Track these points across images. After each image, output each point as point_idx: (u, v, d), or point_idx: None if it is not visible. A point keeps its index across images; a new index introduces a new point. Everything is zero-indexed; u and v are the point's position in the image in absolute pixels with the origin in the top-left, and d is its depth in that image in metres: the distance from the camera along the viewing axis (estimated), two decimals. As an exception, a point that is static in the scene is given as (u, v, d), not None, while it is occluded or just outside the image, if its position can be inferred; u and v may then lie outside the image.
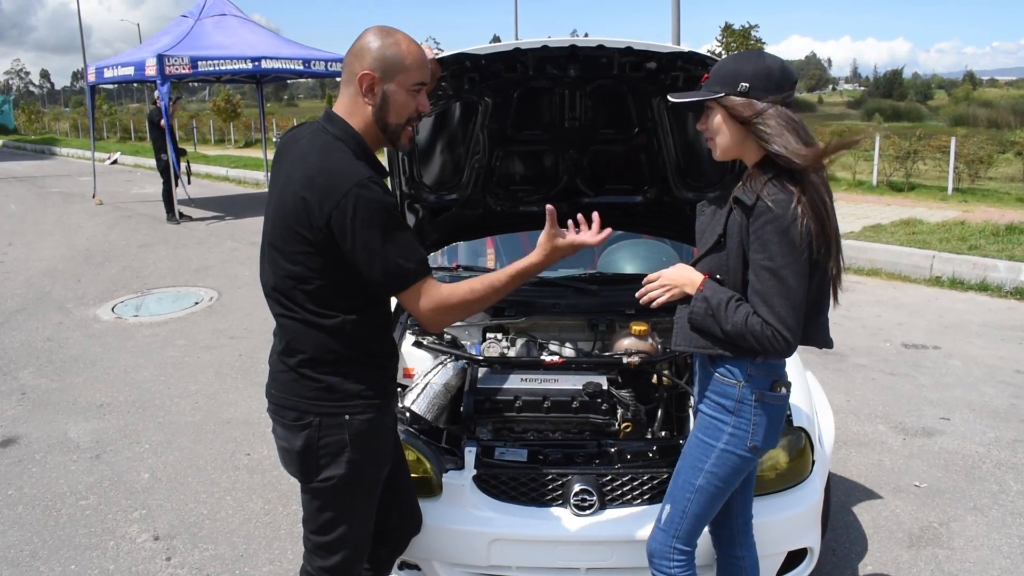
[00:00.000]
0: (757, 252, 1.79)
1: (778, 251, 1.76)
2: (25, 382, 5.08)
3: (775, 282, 1.77)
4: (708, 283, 1.87)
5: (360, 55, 1.81)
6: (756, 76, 1.79)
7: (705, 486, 1.97)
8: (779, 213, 1.75)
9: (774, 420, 1.95)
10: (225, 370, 5.23)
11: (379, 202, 1.73)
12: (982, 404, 4.47)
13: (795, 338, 1.79)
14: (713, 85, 1.85)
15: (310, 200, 1.73)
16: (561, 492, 2.34)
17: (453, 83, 2.74)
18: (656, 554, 2.06)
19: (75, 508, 3.48)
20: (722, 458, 1.95)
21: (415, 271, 1.79)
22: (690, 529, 2.02)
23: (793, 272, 1.76)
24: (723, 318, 1.82)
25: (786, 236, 1.75)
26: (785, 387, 1.95)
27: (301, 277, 1.80)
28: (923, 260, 7.44)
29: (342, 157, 1.77)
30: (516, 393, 2.64)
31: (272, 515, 3.39)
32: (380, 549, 2.22)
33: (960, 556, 3.03)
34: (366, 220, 1.71)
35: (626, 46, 2.46)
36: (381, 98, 1.82)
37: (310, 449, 1.88)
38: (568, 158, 3.14)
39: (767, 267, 1.77)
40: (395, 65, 1.81)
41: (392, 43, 1.81)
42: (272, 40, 12.88)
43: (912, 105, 45.58)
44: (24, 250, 9.63)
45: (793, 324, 1.78)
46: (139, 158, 21.97)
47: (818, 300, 1.88)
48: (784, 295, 1.76)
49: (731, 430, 1.92)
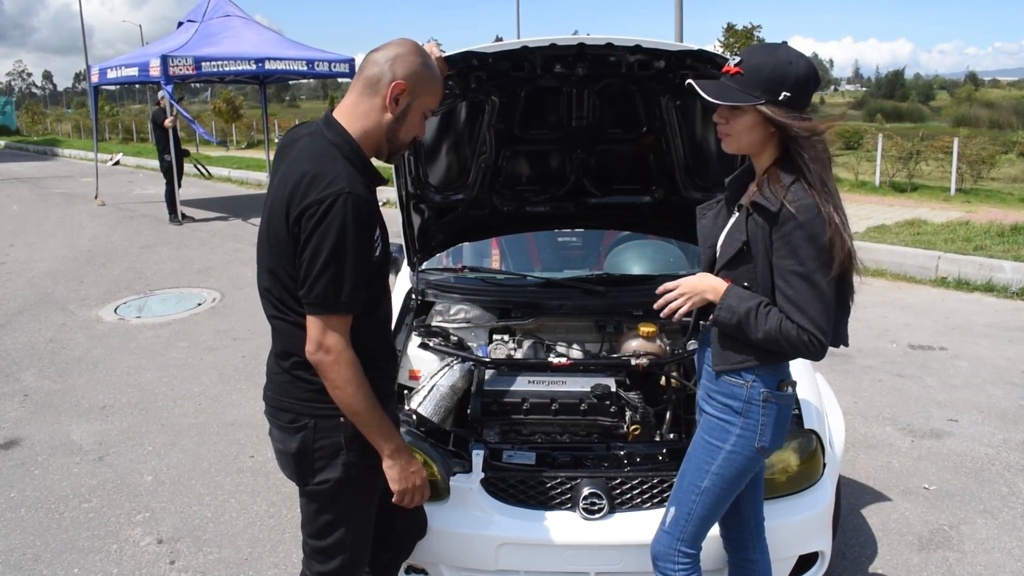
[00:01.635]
0: (785, 258, 1.76)
1: (808, 256, 1.74)
2: (27, 384, 5.06)
3: (807, 287, 1.75)
4: (732, 289, 1.84)
5: (398, 63, 1.78)
6: (798, 86, 1.75)
7: (711, 488, 1.95)
8: (806, 218, 1.73)
9: (781, 420, 1.93)
10: (228, 371, 5.21)
11: (348, 219, 1.68)
12: (990, 406, 4.44)
13: (828, 340, 1.79)
14: (752, 88, 1.75)
15: (291, 202, 1.72)
16: (570, 496, 2.31)
17: (460, 82, 2.72)
18: (660, 557, 2.04)
19: (78, 511, 3.46)
20: (729, 459, 1.92)
21: (340, 304, 1.72)
22: (695, 531, 2.00)
23: (823, 276, 1.75)
24: (754, 326, 1.79)
25: (815, 241, 1.73)
26: (791, 386, 1.93)
27: (292, 279, 1.78)
28: (928, 261, 7.41)
29: (333, 164, 1.74)
30: (523, 395, 2.62)
31: (276, 518, 3.36)
32: (383, 553, 2.19)
33: (971, 559, 3.00)
34: (325, 230, 1.68)
35: (635, 44, 2.44)
36: (402, 111, 1.81)
37: (305, 451, 1.86)
38: (575, 158, 3.12)
39: (798, 272, 1.75)
40: (427, 85, 1.82)
41: (430, 65, 1.83)
42: (276, 41, 12.86)
43: (914, 106, 45.57)
44: (26, 251, 9.62)
45: (827, 327, 1.78)
46: (141, 159, 21.99)
47: (843, 303, 1.88)
48: (818, 299, 1.76)
49: (739, 431, 1.90)
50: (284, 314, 1.83)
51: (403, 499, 1.91)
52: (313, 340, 1.74)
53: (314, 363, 1.76)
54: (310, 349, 1.75)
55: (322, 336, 1.73)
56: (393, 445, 1.85)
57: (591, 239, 3.76)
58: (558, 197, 3.25)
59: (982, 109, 30.49)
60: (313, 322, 1.74)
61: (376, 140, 1.83)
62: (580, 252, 3.76)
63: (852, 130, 16.58)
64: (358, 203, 1.70)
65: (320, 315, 1.73)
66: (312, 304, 1.73)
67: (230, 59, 11.47)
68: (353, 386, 1.76)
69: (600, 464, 2.38)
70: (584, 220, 3.42)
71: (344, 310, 1.74)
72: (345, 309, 1.74)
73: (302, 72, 12.41)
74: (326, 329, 1.73)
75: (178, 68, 10.94)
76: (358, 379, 1.76)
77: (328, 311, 1.73)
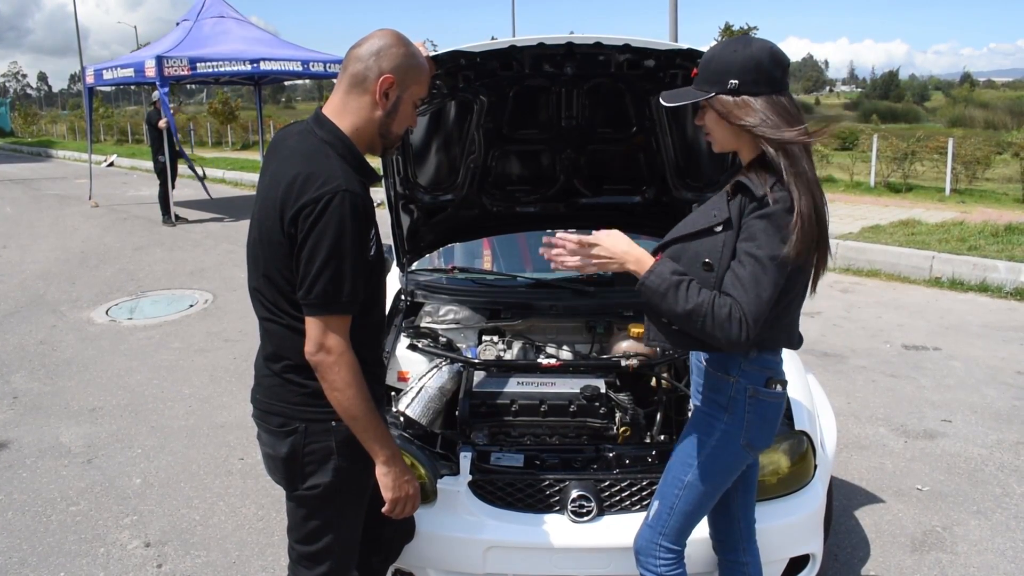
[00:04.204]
0: (747, 240, 1.72)
1: (767, 243, 1.69)
2: (17, 386, 5.03)
3: (759, 269, 1.68)
4: (664, 262, 1.76)
5: (383, 56, 1.75)
6: (746, 71, 1.70)
7: (694, 482, 1.93)
8: (778, 210, 1.69)
9: (768, 418, 1.90)
10: (219, 373, 5.18)
11: (346, 216, 1.66)
12: (984, 406, 4.43)
13: (755, 330, 1.68)
14: (702, 83, 1.76)
15: (286, 203, 1.69)
16: (558, 498, 2.29)
17: (448, 81, 2.70)
18: (642, 551, 2.02)
19: (65, 514, 3.43)
20: (713, 454, 1.90)
21: (339, 303, 1.69)
22: (678, 527, 1.98)
23: (776, 267, 1.69)
24: (683, 298, 1.69)
25: (779, 233, 1.69)
26: (781, 384, 1.90)
27: (287, 281, 1.75)
28: (923, 261, 7.41)
29: (326, 163, 1.71)
30: (512, 397, 2.60)
31: (265, 521, 3.33)
32: (371, 557, 2.17)
33: (964, 561, 2.99)
34: (323, 229, 1.65)
35: (624, 43, 2.42)
36: (393, 104, 1.78)
37: (295, 456, 1.83)
38: (565, 158, 3.10)
39: (754, 255, 1.69)
40: (414, 75, 1.80)
41: (414, 53, 1.81)
42: (271, 42, 12.84)
43: (909, 106, 45.59)
44: (19, 252, 9.58)
45: (759, 316, 1.68)
46: (136, 160, 21.94)
47: (792, 300, 1.82)
48: (758, 284, 1.68)
49: (724, 426, 1.88)
50: (277, 316, 1.80)
51: (395, 508, 1.87)
52: (314, 341, 1.71)
53: (314, 364, 1.72)
54: (310, 350, 1.71)
55: (323, 336, 1.70)
56: (389, 451, 1.82)
57: (582, 239, 3.73)
58: (548, 197, 3.24)
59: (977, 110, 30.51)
60: (313, 323, 1.71)
61: (369, 136, 1.80)
62: (571, 253, 3.74)
63: (848, 131, 16.59)
64: (355, 200, 1.68)
65: (320, 315, 1.70)
66: (311, 305, 1.70)
67: (225, 60, 11.45)
68: (353, 389, 1.72)
69: (589, 466, 2.36)
70: (575, 220, 3.40)
71: (344, 309, 1.71)
72: (345, 308, 1.71)
73: (297, 73, 12.39)
74: (327, 329, 1.70)
75: (173, 69, 10.91)
76: (358, 382, 1.73)
77: (328, 311, 1.70)
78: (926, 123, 30.84)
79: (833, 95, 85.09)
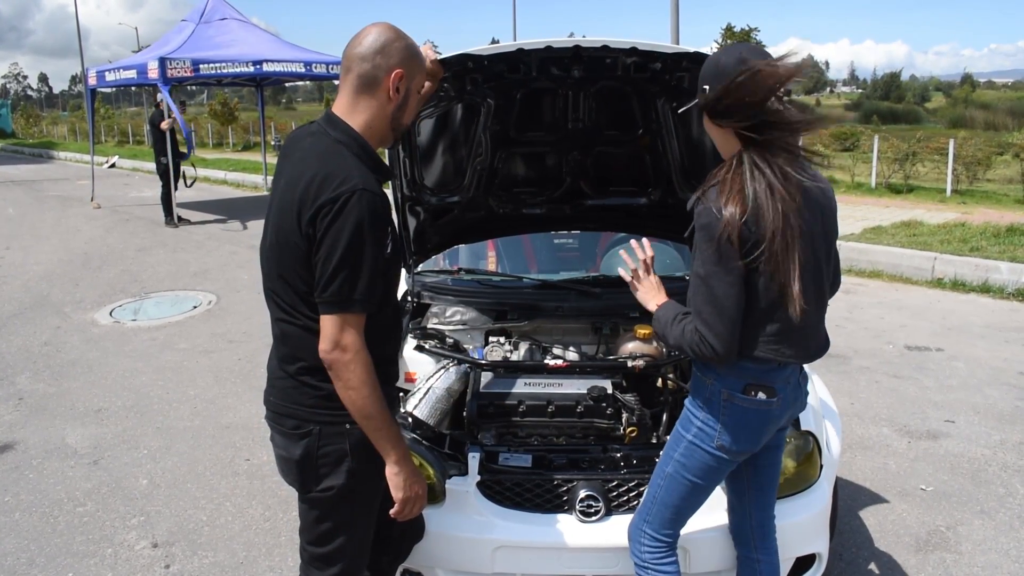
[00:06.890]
0: (694, 259, 1.81)
1: (705, 258, 1.76)
2: (22, 387, 5.04)
3: (703, 288, 1.77)
4: (666, 305, 1.97)
5: (388, 53, 1.77)
6: (716, 76, 1.77)
7: (673, 475, 2.00)
8: (708, 220, 1.74)
9: (744, 423, 1.91)
10: (224, 374, 5.19)
11: (364, 216, 1.67)
12: (987, 406, 4.44)
13: (724, 345, 1.78)
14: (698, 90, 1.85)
15: (303, 204, 1.70)
16: (566, 498, 2.30)
17: (455, 84, 2.71)
18: (631, 536, 2.11)
19: (73, 515, 3.44)
20: (689, 450, 1.97)
21: (355, 301, 1.70)
22: (660, 516, 2.04)
23: (718, 280, 1.75)
24: (669, 335, 1.91)
25: (712, 243, 1.73)
26: (763, 392, 1.88)
27: (304, 282, 1.76)
28: (925, 262, 7.42)
29: (342, 163, 1.73)
30: (520, 397, 2.61)
31: (272, 521, 3.35)
32: (381, 557, 2.18)
33: (968, 560, 3.00)
34: (341, 227, 1.67)
35: (631, 46, 2.43)
36: (404, 97, 1.82)
37: (309, 458, 1.84)
38: (571, 160, 3.11)
39: (698, 274, 1.79)
40: (418, 65, 1.85)
41: (412, 43, 1.84)
42: (273, 43, 12.85)
43: (910, 107, 45.54)
44: (21, 254, 9.59)
45: (722, 330, 1.77)
46: (137, 162, 21.95)
47: (766, 308, 1.80)
48: (711, 302, 1.77)
49: (699, 423, 1.95)
50: (294, 318, 1.80)
51: (404, 507, 1.88)
52: (329, 339, 1.71)
53: (329, 362, 1.72)
54: (326, 348, 1.71)
55: (339, 335, 1.70)
56: (401, 451, 1.83)
57: (587, 241, 3.75)
58: (554, 199, 3.25)
59: (978, 110, 30.53)
60: (329, 321, 1.71)
61: (381, 131, 1.83)
62: (576, 254, 3.76)
63: (848, 132, 16.59)
64: (373, 200, 1.70)
65: (335, 313, 1.71)
66: (328, 303, 1.71)
67: (227, 61, 11.46)
68: (368, 387, 1.73)
69: (596, 466, 2.37)
70: (580, 222, 3.42)
71: (359, 307, 1.72)
72: (360, 307, 1.72)
73: (299, 74, 12.39)
74: (343, 327, 1.71)
75: (176, 70, 10.92)
76: (372, 381, 1.74)
77: (343, 309, 1.70)
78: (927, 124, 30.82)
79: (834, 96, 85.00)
